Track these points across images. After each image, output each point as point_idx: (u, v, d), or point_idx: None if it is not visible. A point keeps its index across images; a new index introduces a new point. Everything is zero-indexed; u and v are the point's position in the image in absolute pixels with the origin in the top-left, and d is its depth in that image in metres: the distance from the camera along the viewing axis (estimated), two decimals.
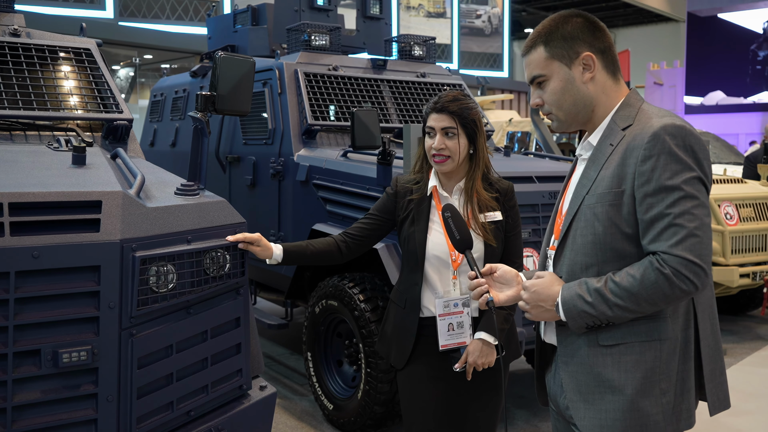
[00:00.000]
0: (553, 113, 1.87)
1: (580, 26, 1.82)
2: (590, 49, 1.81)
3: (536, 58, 1.85)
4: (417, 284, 2.52)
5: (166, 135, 6.41)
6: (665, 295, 1.65)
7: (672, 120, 1.70)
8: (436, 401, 2.52)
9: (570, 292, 1.75)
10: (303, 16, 5.75)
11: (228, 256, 2.37)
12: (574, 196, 1.84)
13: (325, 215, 4.49)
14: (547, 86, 1.85)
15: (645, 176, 1.67)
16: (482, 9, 24.08)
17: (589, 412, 1.78)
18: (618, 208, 1.73)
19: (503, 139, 9.96)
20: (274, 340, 6.26)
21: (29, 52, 3.47)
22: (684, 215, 1.63)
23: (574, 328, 1.77)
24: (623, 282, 1.67)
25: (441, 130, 2.48)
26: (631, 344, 1.74)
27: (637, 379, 1.73)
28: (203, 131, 2.57)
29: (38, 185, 2.16)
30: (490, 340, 2.45)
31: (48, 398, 2.00)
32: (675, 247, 1.63)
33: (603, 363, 1.76)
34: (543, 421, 4.46)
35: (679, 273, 1.62)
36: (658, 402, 1.73)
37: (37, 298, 1.99)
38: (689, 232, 1.62)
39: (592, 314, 1.71)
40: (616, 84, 1.86)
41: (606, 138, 1.81)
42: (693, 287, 1.64)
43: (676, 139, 1.66)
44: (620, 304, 1.68)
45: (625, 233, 1.73)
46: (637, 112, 1.80)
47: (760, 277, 6.29)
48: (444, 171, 2.52)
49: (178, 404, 2.25)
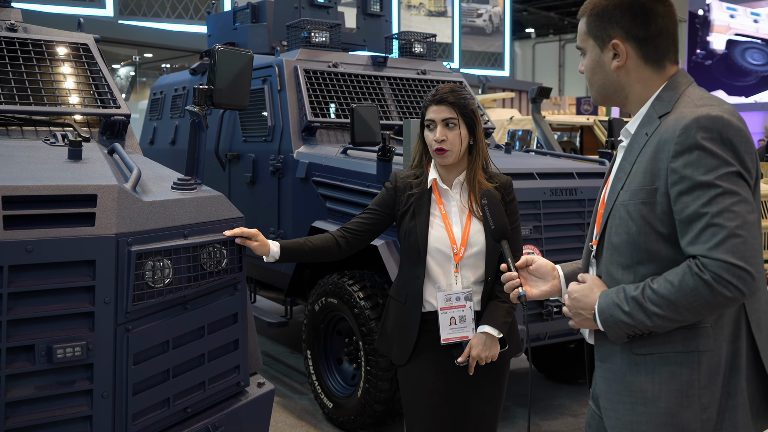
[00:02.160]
0: (588, 86, 1.81)
1: (623, 7, 1.67)
2: (625, 35, 1.67)
3: (580, 29, 1.77)
4: (419, 278, 2.49)
5: (166, 133, 6.39)
6: (707, 302, 1.50)
7: (709, 110, 1.55)
8: (438, 396, 2.49)
9: (607, 300, 1.64)
10: (303, 13, 5.73)
11: (225, 251, 2.34)
12: (611, 190, 1.73)
13: (324, 212, 4.47)
14: (585, 60, 1.78)
15: (678, 173, 1.54)
16: (483, 8, 24.05)
17: (620, 422, 1.68)
18: (652, 206, 1.60)
19: (504, 137, 9.93)
20: (274, 338, 6.23)
21: (26, 47, 3.44)
22: (723, 214, 1.48)
23: (614, 339, 1.65)
24: (661, 289, 1.55)
25: (441, 122, 2.46)
26: (666, 355, 1.62)
27: (672, 392, 1.61)
28: (200, 125, 2.55)
29: (33, 179, 2.13)
30: (493, 333, 2.43)
31: (42, 394, 1.97)
32: (715, 250, 1.48)
33: (636, 371, 1.65)
34: (544, 420, 4.44)
35: (720, 278, 1.48)
36: (697, 418, 1.59)
37: (31, 292, 1.96)
38: (730, 232, 1.47)
39: (631, 324, 1.59)
40: (657, 72, 1.70)
41: (643, 126, 1.68)
42: (738, 293, 1.48)
43: (710, 132, 1.52)
44: (659, 313, 1.55)
45: (660, 233, 1.60)
46: (679, 97, 1.65)
47: None
48: (446, 163, 2.49)
49: (174, 401, 2.22)
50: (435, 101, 2.47)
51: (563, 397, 4.82)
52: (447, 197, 2.54)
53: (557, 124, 9.58)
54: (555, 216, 3.94)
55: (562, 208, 3.97)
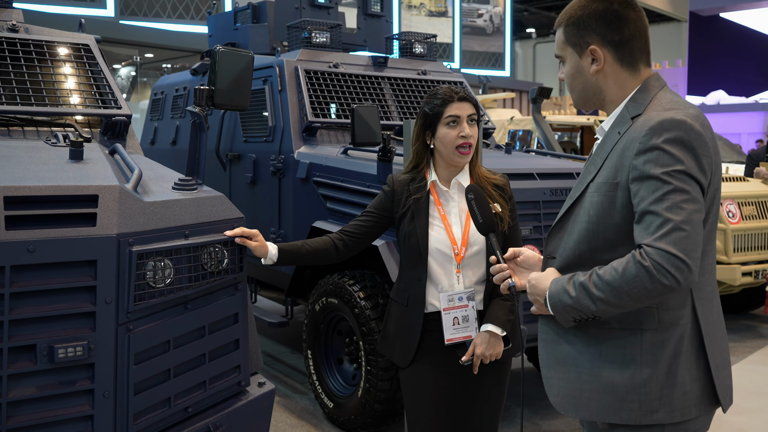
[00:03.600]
0: (569, 92, 1.91)
1: (597, 15, 1.78)
2: (601, 41, 1.78)
3: (557, 39, 1.88)
4: (421, 280, 2.50)
5: (167, 133, 6.40)
6: (646, 289, 1.59)
7: (674, 114, 1.66)
8: (441, 397, 2.50)
9: (557, 285, 1.74)
10: (303, 13, 5.74)
11: (226, 251, 2.35)
12: (580, 181, 1.83)
13: (325, 213, 4.47)
14: (564, 67, 1.89)
15: (638, 170, 1.65)
16: (484, 8, 24.04)
17: (564, 390, 1.78)
18: (612, 199, 1.71)
19: (504, 137, 9.93)
20: (275, 338, 6.24)
21: (27, 48, 3.45)
22: (672, 209, 1.59)
23: (563, 323, 1.75)
24: (606, 275, 1.64)
25: (467, 117, 2.49)
26: (612, 329, 1.73)
27: (614, 364, 1.71)
28: (201, 126, 2.55)
29: (34, 179, 2.14)
30: (497, 331, 2.44)
31: (43, 394, 1.98)
32: (659, 240, 1.58)
33: (586, 343, 1.75)
34: (544, 420, 4.44)
35: (660, 266, 1.57)
36: (636, 391, 1.69)
37: (32, 292, 1.97)
38: (675, 225, 1.58)
39: (577, 308, 1.68)
40: (633, 74, 1.81)
41: (616, 125, 1.79)
42: (675, 282, 1.58)
43: (671, 134, 1.63)
44: (603, 298, 1.63)
45: (616, 223, 1.71)
46: (650, 100, 1.76)
47: (763, 275, 6.26)
48: (466, 162, 2.53)
49: (175, 400, 2.23)
50: (459, 98, 2.51)
51: None
52: (446, 198, 2.55)
53: (558, 124, 9.59)
54: (555, 216, 3.93)
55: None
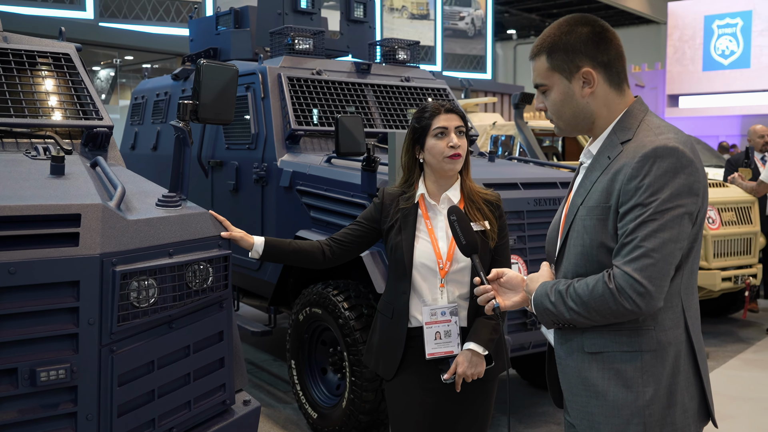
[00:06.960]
0: (554, 120, 1.89)
1: (584, 38, 1.79)
2: (591, 63, 1.79)
3: (539, 67, 1.85)
4: (405, 293, 2.50)
5: (148, 138, 6.34)
6: (611, 309, 1.66)
7: (666, 141, 1.68)
8: (425, 412, 2.49)
9: (543, 289, 1.81)
10: (286, 19, 5.70)
11: (211, 269, 2.33)
12: (572, 205, 1.85)
13: (308, 221, 4.45)
14: (549, 95, 1.86)
15: (628, 195, 1.68)
16: (465, 11, 24.08)
17: (580, 414, 1.81)
18: (604, 222, 1.73)
19: (487, 142, 9.94)
20: (257, 346, 6.20)
21: (6, 57, 3.39)
22: (648, 237, 1.62)
23: (544, 324, 1.84)
24: (579, 289, 1.71)
25: (455, 129, 2.50)
26: (613, 354, 1.75)
27: (618, 387, 1.73)
28: (185, 141, 2.52)
29: (15, 198, 2.10)
30: (479, 350, 2.43)
31: (25, 418, 1.95)
32: (626, 264, 1.64)
33: (589, 368, 1.78)
34: (528, 428, 4.45)
35: (622, 290, 1.63)
36: (641, 413, 1.72)
37: (13, 315, 1.93)
38: (645, 251, 1.62)
39: (554, 313, 1.76)
40: (619, 96, 1.83)
41: (605, 149, 1.81)
42: (636, 307, 1.63)
43: (663, 162, 1.65)
44: (574, 309, 1.71)
45: (609, 248, 1.73)
46: (638, 125, 1.78)
47: (742, 280, 6.32)
48: (456, 171, 2.53)
49: (159, 421, 2.20)
50: (446, 110, 2.53)
51: (547, 405, 4.84)
52: (434, 212, 2.54)
53: (540, 129, 9.60)
54: (539, 226, 3.95)
55: (546, 218, 3.98)
